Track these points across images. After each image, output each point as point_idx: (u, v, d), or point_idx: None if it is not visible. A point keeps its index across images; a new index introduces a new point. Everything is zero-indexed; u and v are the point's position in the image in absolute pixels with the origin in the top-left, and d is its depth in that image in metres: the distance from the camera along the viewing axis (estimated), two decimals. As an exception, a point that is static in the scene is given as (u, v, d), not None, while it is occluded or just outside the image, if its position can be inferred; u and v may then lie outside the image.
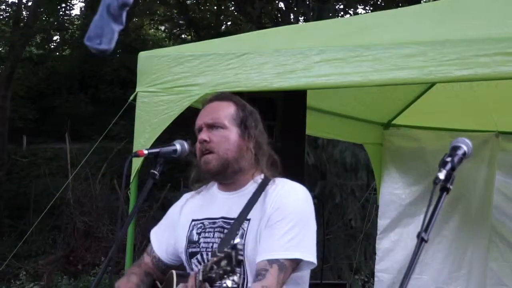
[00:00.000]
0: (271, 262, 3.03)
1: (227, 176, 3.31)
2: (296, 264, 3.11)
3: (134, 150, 4.14)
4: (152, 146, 3.93)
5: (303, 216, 3.19)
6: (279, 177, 3.34)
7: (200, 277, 2.75)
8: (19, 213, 15.59)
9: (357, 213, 12.42)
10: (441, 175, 2.62)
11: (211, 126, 3.31)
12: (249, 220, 3.20)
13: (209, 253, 3.23)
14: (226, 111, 3.34)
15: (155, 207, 13.97)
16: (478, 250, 6.61)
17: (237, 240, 2.59)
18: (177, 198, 3.64)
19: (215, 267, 2.63)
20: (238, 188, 3.34)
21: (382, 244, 6.96)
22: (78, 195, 14.65)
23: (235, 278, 2.62)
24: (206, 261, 3.22)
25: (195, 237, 3.32)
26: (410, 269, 2.50)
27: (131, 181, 4.42)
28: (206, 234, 3.30)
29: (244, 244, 3.12)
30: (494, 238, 6.57)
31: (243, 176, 3.33)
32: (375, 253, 7.08)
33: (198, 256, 3.28)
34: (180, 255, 3.42)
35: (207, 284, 2.71)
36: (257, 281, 3.03)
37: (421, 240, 2.53)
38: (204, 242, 3.28)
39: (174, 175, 14.06)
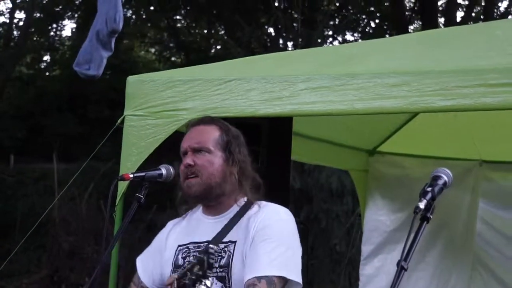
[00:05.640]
0: (259, 278, 3.07)
1: (210, 199, 3.35)
2: (284, 283, 3.14)
3: (120, 173, 4.16)
4: (138, 170, 3.95)
5: (286, 236, 3.24)
6: (262, 201, 3.38)
7: (175, 285, 2.77)
8: (5, 232, 15.50)
9: (342, 238, 12.45)
10: (421, 205, 2.68)
11: (197, 150, 3.35)
12: (234, 242, 3.24)
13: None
14: (211, 135, 3.39)
15: (141, 229, 13.93)
16: (461, 278, 6.64)
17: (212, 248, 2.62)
18: (163, 220, 3.66)
19: (188, 273, 2.67)
20: (221, 212, 3.38)
21: (366, 270, 6.98)
22: (64, 215, 14.61)
23: (207, 282, 2.66)
24: None
25: (180, 261, 3.34)
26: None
27: (116, 203, 4.44)
28: (191, 258, 3.31)
29: (231, 266, 3.18)
30: (477, 266, 6.60)
31: (226, 200, 3.38)
32: (359, 279, 7.10)
33: None
34: None
35: None
36: None
37: (401, 269, 2.58)
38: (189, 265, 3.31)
39: (161, 197, 14.01)
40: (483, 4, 22.11)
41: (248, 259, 3.17)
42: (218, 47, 26.96)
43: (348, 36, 22.71)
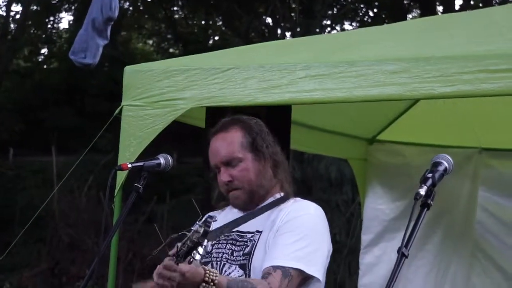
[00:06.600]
0: (275, 267, 3.09)
1: (255, 202, 3.39)
2: (302, 276, 3.16)
3: (118, 164, 4.14)
4: (137, 160, 3.94)
5: (311, 231, 3.26)
6: (299, 198, 3.42)
7: (175, 253, 2.81)
8: (5, 225, 15.51)
9: (342, 228, 12.44)
10: (422, 191, 2.66)
11: (228, 163, 3.34)
12: (260, 232, 3.28)
13: (219, 263, 3.30)
14: (236, 142, 3.37)
15: (141, 220, 13.94)
16: (461, 266, 6.62)
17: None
18: (163, 211, 3.65)
19: (188, 241, 2.70)
20: (255, 206, 3.40)
21: (366, 259, 6.96)
22: (63, 207, 14.61)
23: (200, 249, 2.68)
24: None
25: (209, 248, 3.35)
26: (390, 284, 2.53)
27: (115, 194, 4.42)
28: (219, 245, 3.35)
29: (252, 254, 3.22)
30: (477, 253, 6.57)
31: (266, 195, 3.40)
32: (359, 268, 7.08)
33: (209, 266, 3.29)
34: None
35: (180, 259, 2.78)
36: (261, 279, 3.10)
37: (402, 255, 2.56)
38: (216, 253, 3.34)
39: (160, 188, 14.04)
40: (481, -9, 22.09)
41: (269, 249, 3.19)
42: (216, 38, 26.96)
43: (347, 26, 22.70)
